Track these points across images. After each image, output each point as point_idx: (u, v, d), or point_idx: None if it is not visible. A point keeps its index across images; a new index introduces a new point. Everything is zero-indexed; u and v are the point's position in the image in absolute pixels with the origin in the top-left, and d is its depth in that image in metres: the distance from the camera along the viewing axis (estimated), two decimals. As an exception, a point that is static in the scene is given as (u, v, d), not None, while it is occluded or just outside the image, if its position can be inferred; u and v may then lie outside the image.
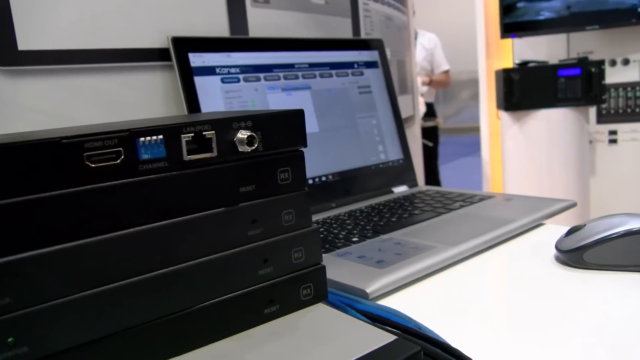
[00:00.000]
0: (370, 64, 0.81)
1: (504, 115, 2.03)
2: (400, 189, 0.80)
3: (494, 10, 2.32)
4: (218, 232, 0.29)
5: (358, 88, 0.78)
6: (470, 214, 0.63)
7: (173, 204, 0.28)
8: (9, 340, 0.23)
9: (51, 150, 0.24)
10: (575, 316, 0.38)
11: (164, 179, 0.27)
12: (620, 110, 2.10)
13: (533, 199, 0.68)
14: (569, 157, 1.99)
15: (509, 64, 2.40)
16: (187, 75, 0.62)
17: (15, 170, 0.23)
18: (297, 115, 0.31)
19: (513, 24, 2.11)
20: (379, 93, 0.81)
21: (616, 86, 2.09)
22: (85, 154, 0.25)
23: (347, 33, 0.87)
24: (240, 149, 0.29)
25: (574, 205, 0.66)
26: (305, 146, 0.32)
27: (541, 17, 2.04)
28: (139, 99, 0.62)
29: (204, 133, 0.28)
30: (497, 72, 1.97)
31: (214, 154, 0.28)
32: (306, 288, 0.33)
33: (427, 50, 2.87)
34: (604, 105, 2.13)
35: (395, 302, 0.43)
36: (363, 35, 0.91)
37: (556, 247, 0.50)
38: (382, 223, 0.62)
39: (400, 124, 0.82)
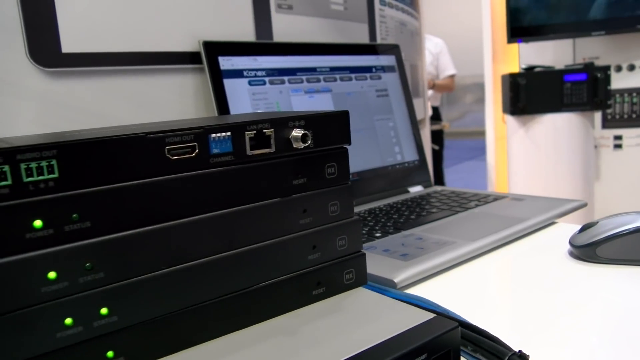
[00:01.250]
0: (387, 68, 0.84)
1: (510, 119, 2.06)
2: (416, 189, 0.83)
3: (500, 15, 2.36)
4: (274, 220, 0.33)
5: (376, 91, 0.82)
6: (485, 213, 0.67)
7: (237, 193, 0.31)
8: (102, 310, 0.27)
9: (138, 143, 0.27)
10: (588, 306, 0.42)
11: (230, 171, 0.31)
12: (626, 116, 2.14)
13: (544, 199, 0.71)
14: (574, 161, 2.02)
15: (515, 69, 2.44)
16: (217, 77, 0.66)
17: (107, 160, 0.27)
18: (343, 116, 0.35)
19: (520, 29, 2.15)
20: (396, 96, 0.85)
21: (621, 92, 2.13)
22: (166, 147, 0.28)
23: (364, 38, 0.91)
24: (294, 146, 0.32)
25: (584, 205, 0.70)
26: (349, 143, 0.36)
27: (548, 23, 2.08)
28: (172, 100, 0.65)
29: (264, 131, 0.31)
30: (504, 77, 2.01)
31: (272, 149, 0.32)
32: (349, 273, 0.36)
33: (433, 55, 2.91)
34: (609, 111, 2.17)
35: (420, 293, 0.46)
36: (379, 40, 0.94)
37: (570, 242, 0.54)
38: (402, 220, 0.65)
39: (415, 126, 0.86)
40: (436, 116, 2.99)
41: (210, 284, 0.30)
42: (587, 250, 0.51)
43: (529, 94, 1.98)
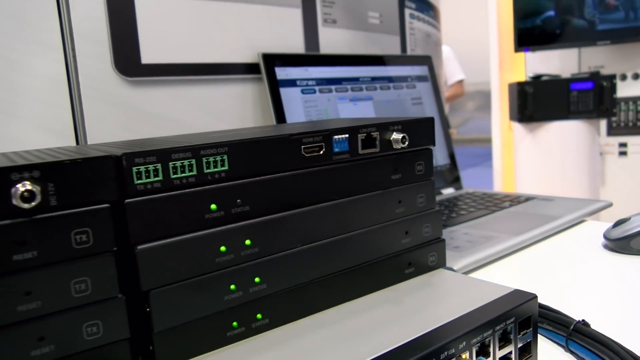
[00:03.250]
0: (421, 78, 0.91)
1: (517, 126, 2.13)
2: (448, 191, 0.90)
3: (507, 24, 2.45)
4: (377, 209, 0.39)
5: (411, 99, 0.89)
6: (520, 212, 0.74)
7: (351, 185, 0.38)
8: (256, 279, 0.33)
9: (282, 143, 0.34)
10: (625, 291, 0.49)
11: (347, 166, 0.37)
12: (630, 124, 2.22)
13: (573, 199, 0.78)
14: (580, 167, 2.09)
15: (521, 77, 2.52)
16: (275, 86, 0.73)
17: (262, 156, 0.33)
18: (430, 122, 0.42)
19: (527, 38, 2.23)
20: (429, 104, 0.92)
21: (626, 100, 2.21)
22: (302, 146, 0.35)
23: (396, 48, 0.98)
24: (394, 146, 0.39)
25: (609, 205, 0.77)
26: (434, 145, 0.42)
27: (555, 32, 2.16)
28: (233, 106, 0.72)
29: (372, 133, 0.38)
30: (511, 85, 2.08)
31: (377, 149, 0.39)
32: (432, 255, 0.43)
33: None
34: (614, 118, 2.25)
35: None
36: (409, 51, 1.02)
37: (605, 236, 0.60)
38: (444, 218, 0.72)
39: (447, 132, 0.93)
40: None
41: (330, 260, 0.37)
42: (622, 242, 0.58)
43: (536, 102, 2.05)
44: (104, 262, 0.28)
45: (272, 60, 0.73)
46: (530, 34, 2.20)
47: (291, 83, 0.75)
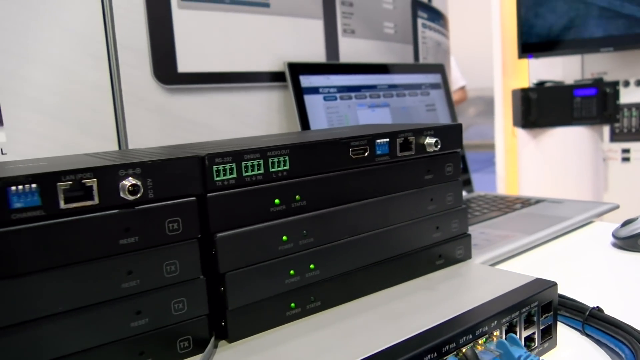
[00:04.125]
0: (434, 86, 0.97)
1: (521, 132, 2.18)
2: (461, 194, 0.95)
3: (510, 31, 2.51)
4: (413, 206, 0.44)
5: (425, 106, 0.94)
6: (532, 213, 0.79)
7: (390, 184, 0.43)
8: (311, 266, 0.38)
9: (334, 146, 0.39)
10: (634, 284, 0.54)
11: (387, 167, 0.42)
12: (633, 130, 2.27)
13: (582, 202, 0.84)
14: (583, 173, 2.14)
15: (524, 83, 2.58)
16: (299, 94, 0.78)
17: (317, 157, 0.38)
18: (459, 127, 0.47)
19: (530, 45, 2.29)
20: (442, 110, 0.97)
21: (629, 106, 2.27)
22: (350, 149, 0.40)
23: (409, 57, 1.04)
24: (428, 149, 0.44)
25: (616, 207, 0.82)
26: (462, 148, 0.47)
27: (558, 39, 2.22)
28: (261, 113, 0.77)
29: (408, 138, 0.43)
30: (515, 92, 2.14)
31: (413, 152, 0.44)
32: (459, 249, 0.48)
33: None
34: (617, 124, 2.31)
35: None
36: (421, 59, 1.07)
37: (613, 235, 0.65)
38: (460, 219, 0.77)
39: (459, 137, 0.98)
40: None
41: (372, 250, 0.42)
42: (630, 241, 0.63)
43: (540, 108, 2.11)
44: (190, 247, 0.33)
45: (297, 69, 0.79)
46: (533, 41, 2.25)
47: (314, 90, 0.80)
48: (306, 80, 0.79)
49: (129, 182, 0.30)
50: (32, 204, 0.28)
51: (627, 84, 2.28)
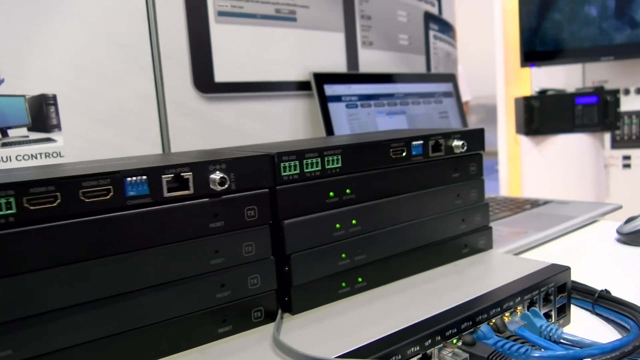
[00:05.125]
0: (447, 94, 1.04)
1: (524, 139, 2.25)
2: (472, 196, 1.02)
3: (512, 40, 2.59)
4: (442, 200, 0.51)
5: (439, 113, 1.01)
6: (541, 213, 0.86)
7: (423, 181, 0.49)
8: (358, 250, 0.45)
9: (377, 147, 0.46)
10: (637, 275, 0.60)
11: (420, 166, 0.49)
12: (634, 137, 2.35)
13: (587, 203, 0.90)
14: (585, 179, 2.21)
15: (526, 92, 2.66)
16: (324, 102, 0.85)
17: (363, 156, 0.45)
18: (481, 132, 0.54)
19: (533, 54, 2.37)
20: (454, 118, 1.04)
21: (630, 114, 2.34)
22: (390, 150, 0.47)
23: (421, 66, 1.11)
24: (455, 151, 0.51)
25: (620, 207, 0.89)
26: (484, 150, 0.54)
27: (560, 48, 2.30)
28: (288, 120, 0.84)
29: (439, 140, 0.50)
30: (518, 100, 2.21)
31: (442, 153, 0.50)
32: (482, 239, 0.54)
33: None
34: (617, 132, 2.38)
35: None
36: (433, 69, 1.14)
37: (618, 231, 0.72)
38: (474, 218, 0.84)
39: (470, 143, 1.05)
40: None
41: (409, 238, 0.48)
42: (633, 236, 0.70)
43: (542, 116, 2.18)
44: (263, 232, 0.40)
45: (322, 79, 0.85)
46: (536, 50, 2.33)
47: (337, 99, 0.87)
48: (330, 89, 0.86)
49: (217, 175, 0.37)
50: (142, 192, 0.34)
51: (627, 92, 2.36)
